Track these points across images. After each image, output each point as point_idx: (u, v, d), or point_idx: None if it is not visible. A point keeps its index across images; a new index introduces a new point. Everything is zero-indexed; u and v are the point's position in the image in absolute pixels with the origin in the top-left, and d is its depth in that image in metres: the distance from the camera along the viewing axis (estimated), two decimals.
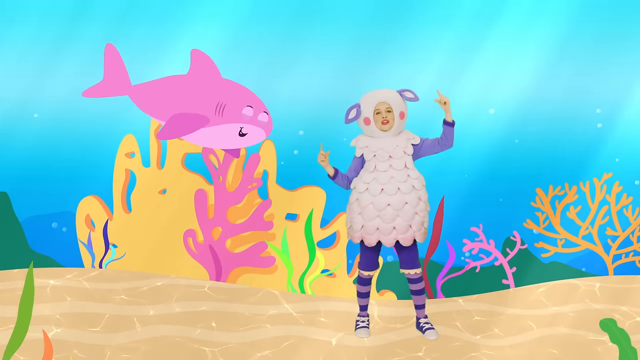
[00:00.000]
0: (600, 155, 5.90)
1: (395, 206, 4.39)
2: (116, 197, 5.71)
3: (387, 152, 4.44)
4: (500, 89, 5.91)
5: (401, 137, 4.49)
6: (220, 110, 4.70)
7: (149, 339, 4.66)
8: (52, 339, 4.41)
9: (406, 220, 4.41)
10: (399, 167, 4.42)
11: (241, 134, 4.73)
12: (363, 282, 4.69)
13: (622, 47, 5.94)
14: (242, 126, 4.72)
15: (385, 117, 4.44)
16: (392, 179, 4.40)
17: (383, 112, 4.44)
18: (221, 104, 4.71)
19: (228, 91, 4.83)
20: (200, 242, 5.66)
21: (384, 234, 4.45)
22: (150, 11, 5.96)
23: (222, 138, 4.82)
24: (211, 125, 4.72)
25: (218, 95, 4.73)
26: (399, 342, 4.70)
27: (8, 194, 5.90)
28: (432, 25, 5.93)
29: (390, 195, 4.39)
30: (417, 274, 4.58)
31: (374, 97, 4.49)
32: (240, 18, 5.93)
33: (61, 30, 5.90)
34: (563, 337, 4.82)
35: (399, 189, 4.39)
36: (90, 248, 5.75)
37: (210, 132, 4.77)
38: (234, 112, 4.76)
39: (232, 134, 4.77)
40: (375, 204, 4.41)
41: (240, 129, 4.73)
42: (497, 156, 5.86)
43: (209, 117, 4.71)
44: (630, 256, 5.88)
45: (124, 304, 5.08)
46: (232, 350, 4.58)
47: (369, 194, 4.43)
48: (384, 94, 4.49)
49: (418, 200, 4.43)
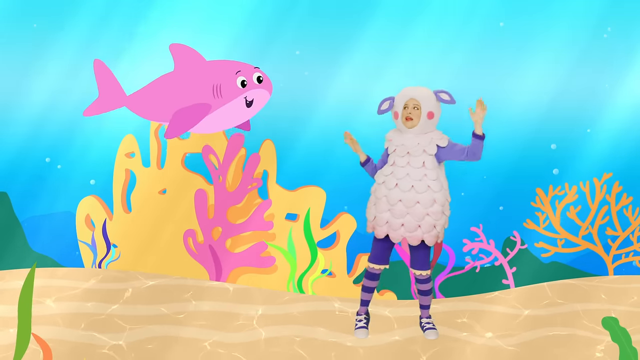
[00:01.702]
0: (600, 155, 5.89)
1: (407, 203, 4.37)
2: (116, 197, 5.72)
3: (407, 148, 4.41)
4: (500, 90, 5.89)
5: (426, 136, 4.43)
6: (217, 92, 4.66)
7: (149, 339, 4.67)
8: (52, 339, 4.44)
9: (416, 219, 4.39)
10: (417, 165, 4.39)
11: (247, 103, 4.68)
12: (370, 277, 4.66)
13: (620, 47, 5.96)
14: (245, 95, 4.67)
15: (410, 113, 4.40)
16: (407, 175, 4.38)
17: (410, 108, 4.40)
18: (216, 85, 4.68)
19: (217, 70, 4.80)
20: (200, 242, 5.66)
21: (393, 228, 4.44)
22: (150, 11, 5.98)
23: (232, 116, 4.78)
24: (216, 109, 4.70)
25: (209, 78, 4.71)
26: (398, 341, 4.70)
27: (8, 194, 5.91)
28: (427, 25, 5.94)
29: (403, 192, 4.37)
30: (425, 276, 4.58)
31: (406, 92, 4.46)
32: (240, 18, 5.94)
33: (55, 27, 5.90)
34: (562, 337, 4.82)
35: (413, 187, 4.37)
36: (93, 248, 5.77)
37: (218, 116, 4.73)
38: (231, 88, 4.73)
39: (239, 108, 4.72)
40: (388, 197, 4.41)
41: (244, 100, 4.68)
42: (496, 156, 5.84)
43: (210, 103, 4.69)
44: (630, 256, 5.89)
45: (124, 304, 5.09)
46: (233, 349, 4.59)
47: (385, 187, 4.43)
48: (416, 91, 4.45)
49: (432, 202, 4.38)
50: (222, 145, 5.63)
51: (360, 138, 4.71)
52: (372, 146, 4.73)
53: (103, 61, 4.94)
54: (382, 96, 4.60)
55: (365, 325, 4.73)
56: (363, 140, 4.76)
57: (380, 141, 4.66)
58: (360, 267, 5.63)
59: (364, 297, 4.74)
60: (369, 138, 4.81)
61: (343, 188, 5.75)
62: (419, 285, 4.66)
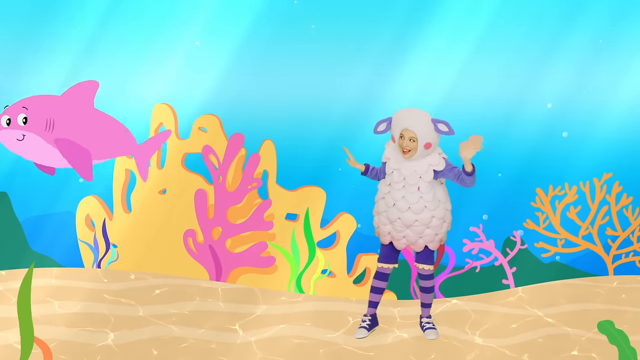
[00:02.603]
0: (599, 156, 5.91)
1: (405, 222, 4.45)
2: (116, 197, 5.73)
3: (403, 175, 4.42)
4: (499, 90, 5.93)
5: (424, 162, 4.40)
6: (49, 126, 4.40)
7: (150, 339, 4.67)
8: (54, 339, 4.44)
9: (416, 234, 4.47)
10: (412, 190, 4.41)
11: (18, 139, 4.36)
12: (378, 277, 4.69)
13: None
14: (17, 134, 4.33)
15: (407, 146, 4.34)
16: (403, 198, 4.42)
17: (406, 140, 4.33)
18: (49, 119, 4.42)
19: None
20: (200, 242, 5.67)
21: (395, 239, 4.54)
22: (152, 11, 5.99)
23: None
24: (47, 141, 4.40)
25: None
26: (398, 341, 4.70)
27: (8, 194, 5.92)
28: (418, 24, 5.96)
29: (401, 212, 4.44)
30: (427, 271, 4.62)
31: (402, 121, 4.36)
32: (241, 20, 5.96)
33: (50, 28, 5.91)
34: (562, 337, 4.82)
35: (410, 208, 4.42)
36: (93, 248, 5.77)
37: None
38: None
39: None
40: (387, 213, 4.49)
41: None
42: (496, 157, 5.86)
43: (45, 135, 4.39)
44: (630, 256, 5.92)
45: (123, 304, 5.09)
46: (233, 349, 4.58)
47: (384, 203, 4.50)
48: (413, 122, 4.33)
49: (431, 218, 4.44)
50: (222, 145, 5.64)
51: (362, 139, 4.72)
52: (375, 147, 4.73)
53: None
54: (384, 96, 4.61)
55: (367, 326, 4.73)
56: (366, 141, 4.76)
57: (383, 141, 4.64)
58: (360, 267, 5.64)
59: (372, 299, 4.76)
60: (370, 138, 4.79)
61: (343, 188, 5.76)
62: (421, 282, 4.70)
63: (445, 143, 4.49)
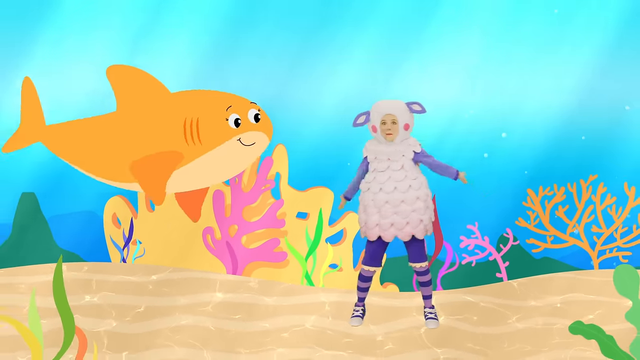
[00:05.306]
0: (586, 159, 5.99)
1: (392, 203, 4.47)
2: (140, 197, 5.78)
3: (387, 155, 4.55)
4: (498, 90, 6.02)
5: (403, 144, 4.57)
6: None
7: (176, 327, 4.88)
8: (88, 330, 4.63)
9: (403, 217, 4.48)
10: (396, 167, 4.52)
11: None
12: (363, 278, 4.74)
13: None
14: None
15: (390, 129, 4.53)
16: (389, 178, 4.49)
17: (388, 123, 4.53)
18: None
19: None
20: (217, 238, 5.75)
21: (383, 229, 4.52)
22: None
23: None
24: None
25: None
26: (400, 330, 4.91)
27: (36, 194, 5.99)
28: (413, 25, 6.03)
29: (387, 193, 4.47)
30: (423, 267, 4.66)
31: (383, 108, 4.57)
32: (242, 20, 6.03)
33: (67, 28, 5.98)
34: (550, 327, 5.00)
35: (396, 188, 4.47)
36: (119, 246, 5.81)
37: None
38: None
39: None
40: (374, 200, 4.50)
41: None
42: (493, 158, 6.01)
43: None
44: (614, 251, 6.00)
45: (150, 295, 5.24)
46: (250, 338, 4.82)
47: (370, 192, 4.53)
48: (392, 106, 4.56)
49: (415, 199, 4.49)
50: None
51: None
52: None
53: None
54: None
55: (360, 315, 4.79)
56: None
57: None
58: None
59: (360, 295, 4.82)
60: None
61: None
62: (419, 278, 4.72)
63: (444, 142, 4.58)
